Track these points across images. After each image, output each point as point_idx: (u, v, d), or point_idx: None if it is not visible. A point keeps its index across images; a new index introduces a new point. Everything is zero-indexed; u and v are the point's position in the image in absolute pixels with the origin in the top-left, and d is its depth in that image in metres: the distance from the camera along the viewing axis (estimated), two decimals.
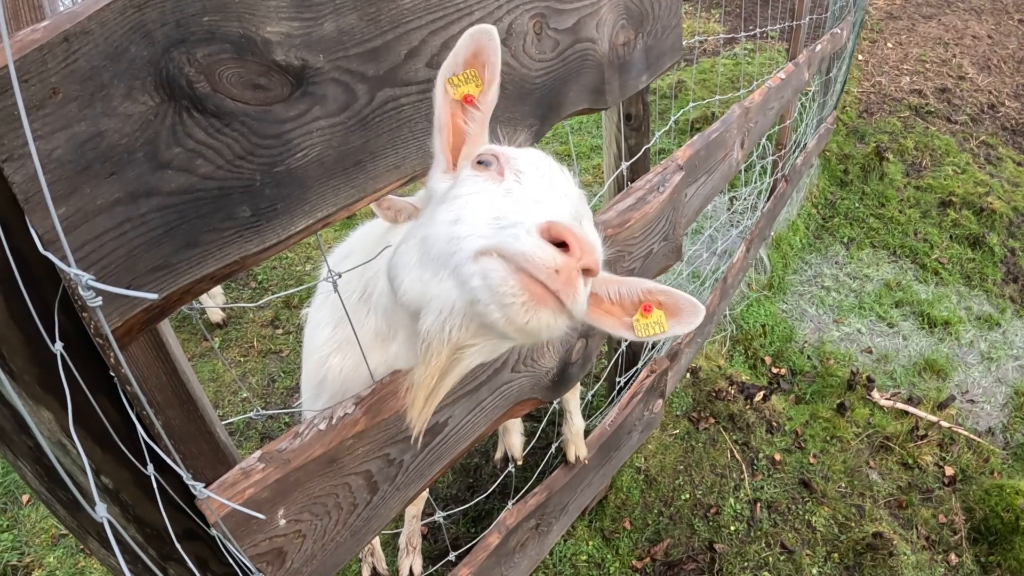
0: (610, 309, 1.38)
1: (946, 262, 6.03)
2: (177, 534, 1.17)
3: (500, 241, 0.94)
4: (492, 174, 1.16)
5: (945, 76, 9.44)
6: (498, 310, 0.93)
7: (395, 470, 1.54)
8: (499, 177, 1.16)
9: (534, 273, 0.90)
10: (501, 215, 1.04)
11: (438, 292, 1.05)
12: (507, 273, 0.91)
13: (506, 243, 0.93)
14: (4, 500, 3.57)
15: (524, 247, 0.91)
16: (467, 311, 1.00)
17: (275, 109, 1.08)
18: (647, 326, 1.34)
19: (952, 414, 4.45)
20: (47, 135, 0.85)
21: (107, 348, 0.99)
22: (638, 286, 1.35)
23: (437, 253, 1.06)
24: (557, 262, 0.90)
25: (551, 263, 0.90)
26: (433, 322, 1.06)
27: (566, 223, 0.92)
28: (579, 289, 0.93)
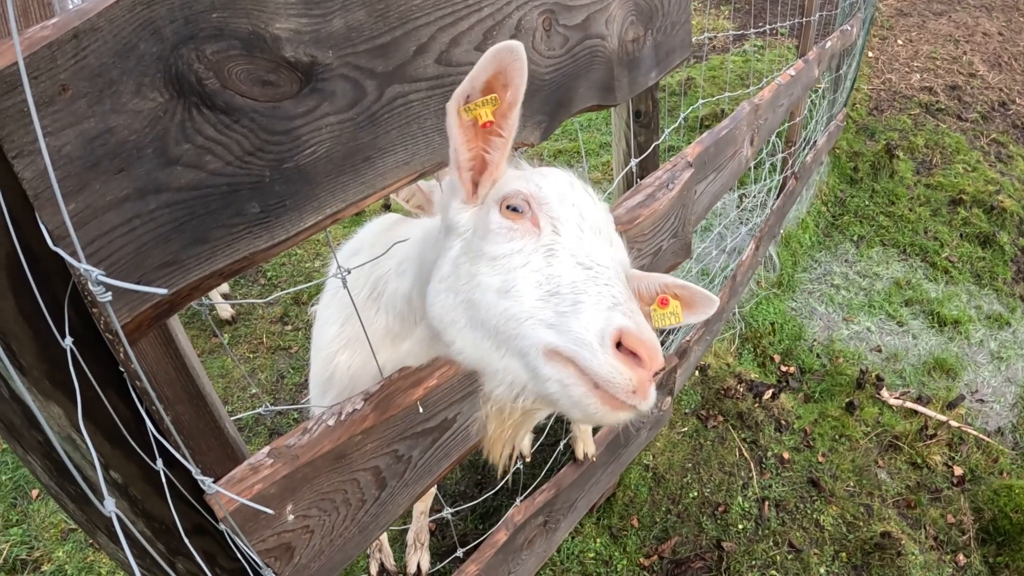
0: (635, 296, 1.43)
1: (956, 261, 6.00)
2: (186, 529, 1.17)
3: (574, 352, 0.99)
4: (526, 225, 1.16)
5: (955, 73, 9.39)
6: (579, 413, 1.01)
7: (403, 466, 1.54)
8: (535, 229, 1.16)
9: (614, 394, 0.96)
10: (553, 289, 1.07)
11: (505, 367, 1.12)
12: (587, 391, 0.98)
13: (583, 358, 0.98)
14: (14, 495, 3.59)
15: (602, 370, 0.96)
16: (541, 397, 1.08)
17: (284, 105, 1.08)
18: (664, 316, 1.41)
19: (961, 414, 4.43)
20: (57, 131, 0.85)
21: (117, 344, 0.99)
22: (657, 280, 1.42)
23: (493, 327, 1.11)
24: (634, 383, 0.96)
25: (629, 385, 0.96)
26: (505, 393, 1.14)
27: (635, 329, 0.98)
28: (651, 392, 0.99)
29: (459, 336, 1.20)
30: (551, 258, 1.11)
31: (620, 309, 1.01)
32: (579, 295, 1.04)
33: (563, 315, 1.02)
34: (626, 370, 0.95)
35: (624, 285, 1.10)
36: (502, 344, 1.10)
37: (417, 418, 1.52)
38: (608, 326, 0.98)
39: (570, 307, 1.03)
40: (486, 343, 1.14)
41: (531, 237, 1.15)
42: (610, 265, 1.12)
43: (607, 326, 0.98)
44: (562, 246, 1.12)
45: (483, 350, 1.16)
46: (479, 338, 1.16)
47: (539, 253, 1.12)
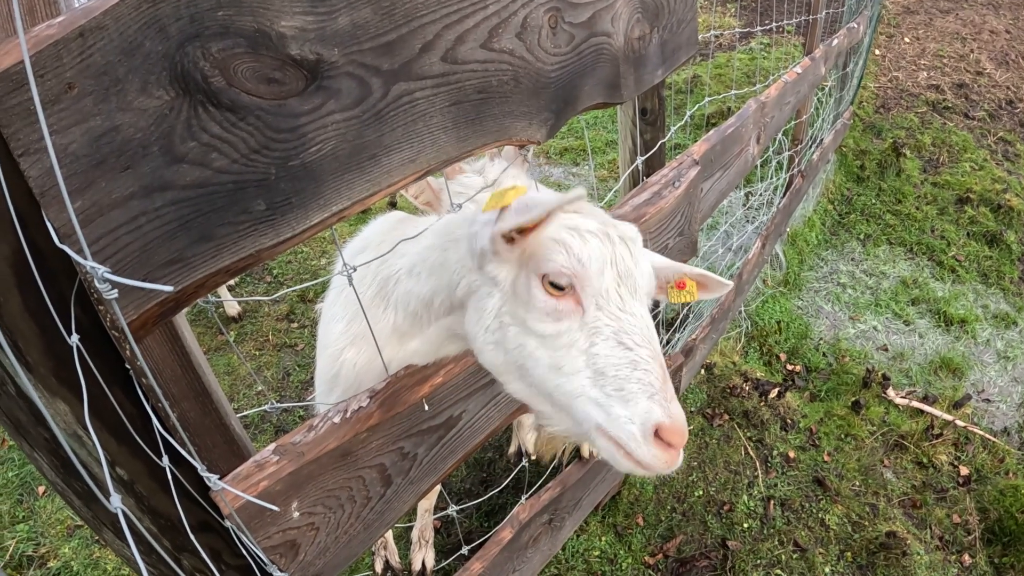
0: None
1: (963, 260, 5.98)
2: (191, 525, 1.18)
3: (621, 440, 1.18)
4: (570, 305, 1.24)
5: (963, 71, 9.37)
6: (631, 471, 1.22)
7: (409, 464, 1.54)
8: (578, 308, 1.24)
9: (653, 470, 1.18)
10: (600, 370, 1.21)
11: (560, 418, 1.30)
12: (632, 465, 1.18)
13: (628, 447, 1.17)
14: (20, 491, 3.60)
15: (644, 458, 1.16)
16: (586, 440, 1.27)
17: (290, 103, 1.08)
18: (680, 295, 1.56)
19: (968, 413, 4.42)
20: (63, 130, 0.85)
21: (123, 341, 0.99)
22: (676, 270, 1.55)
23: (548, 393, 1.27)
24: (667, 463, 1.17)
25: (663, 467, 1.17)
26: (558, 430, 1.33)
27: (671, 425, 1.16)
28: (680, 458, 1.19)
29: (512, 384, 1.35)
30: (595, 337, 1.22)
31: (657, 399, 1.17)
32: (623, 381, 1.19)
33: (610, 398, 1.19)
34: (663, 455, 1.15)
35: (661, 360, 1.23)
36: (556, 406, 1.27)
37: (423, 415, 1.52)
38: (648, 420, 1.15)
39: (615, 391, 1.18)
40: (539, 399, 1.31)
41: (575, 316, 1.24)
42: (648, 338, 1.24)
43: (647, 420, 1.15)
44: (604, 323, 1.23)
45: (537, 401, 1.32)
46: (533, 393, 1.31)
47: (584, 332, 1.23)
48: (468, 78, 1.39)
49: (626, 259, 1.28)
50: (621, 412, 1.18)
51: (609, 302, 1.25)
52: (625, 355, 1.21)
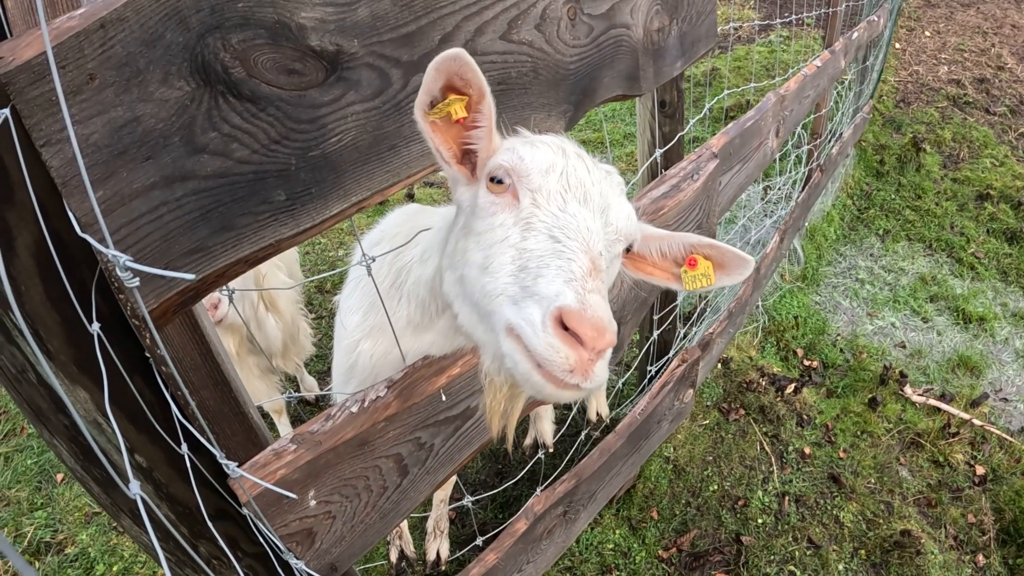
0: (657, 264, 1.42)
1: (982, 257, 5.92)
2: (209, 513, 1.19)
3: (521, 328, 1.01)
4: (507, 199, 1.16)
5: (984, 66, 9.27)
6: (530, 388, 1.03)
7: (425, 454, 1.54)
8: (514, 202, 1.16)
9: (552, 372, 0.97)
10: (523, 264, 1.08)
11: (487, 340, 1.17)
12: (530, 368, 1.00)
13: (526, 335, 1.00)
14: (39, 479, 3.64)
15: (539, 348, 0.97)
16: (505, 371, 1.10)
17: (310, 94, 1.08)
18: (695, 278, 1.40)
19: (985, 412, 4.38)
20: (84, 120, 0.86)
21: (143, 329, 1.00)
22: (682, 240, 1.39)
23: (476, 302, 1.15)
24: (571, 362, 0.96)
25: (566, 364, 0.96)
26: (489, 364, 1.19)
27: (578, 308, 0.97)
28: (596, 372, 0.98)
29: (460, 309, 1.26)
30: (527, 231, 1.12)
31: (574, 285, 1.01)
32: (542, 269, 1.04)
33: (525, 290, 1.04)
34: (564, 349, 0.96)
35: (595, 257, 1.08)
36: (484, 318, 1.14)
37: (440, 406, 1.53)
38: (552, 303, 0.98)
39: (531, 282, 1.04)
40: (474, 316, 1.19)
41: (511, 210, 1.15)
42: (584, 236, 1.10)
43: (552, 303, 0.98)
44: (539, 219, 1.12)
45: (473, 323, 1.21)
46: (470, 311, 1.20)
47: (517, 227, 1.13)
48: (487, 69, 1.40)
49: (580, 173, 1.19)
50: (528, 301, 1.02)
51: (549, 201, 1.15)
52: (552, 247, 1.08)
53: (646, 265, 1.43)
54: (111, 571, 3.17)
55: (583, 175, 1.19)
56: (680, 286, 1.41)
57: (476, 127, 1.19)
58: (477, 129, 1.19)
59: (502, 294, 1.07)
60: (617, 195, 1.25)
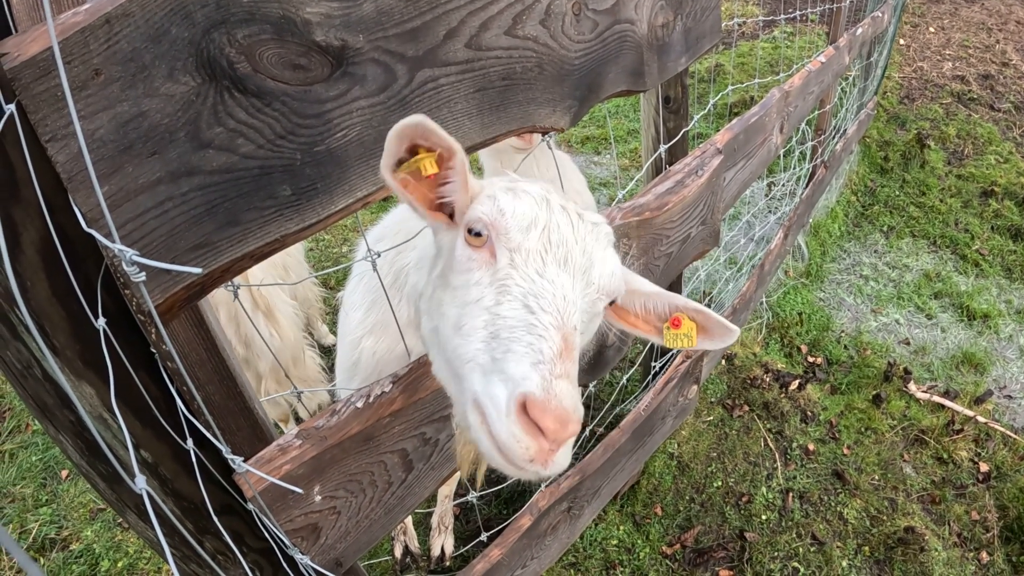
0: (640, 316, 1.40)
1: (987, 253, 5.91)
2: (214, 508, 1.19)
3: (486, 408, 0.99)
4: (484, 256, 1.13)
5: (988, 62, 9.25)
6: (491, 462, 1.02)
7: (430, 449, 1.54)
8: (492, 260, 1.12)
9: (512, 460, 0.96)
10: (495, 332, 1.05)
11: (457, 399, 1.15)
12: (491, 447, 0.98)
13: (490, 416, 0.98)
14: (44, 475, 3.65)
15: (501, 436, 0.96)
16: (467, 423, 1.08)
17: (315, 89, 1.08)
18: (676, 337, 1.37)
19: (989, 409, 4.37)
20: (90, 115, 0.86)
21: (149, 324, 1.00)
22: (668, 300, 1.37)
23: (448, 359, 1.14)
24: (531, 452, 0.95)
25: (526, 455, 0.95)
26: (460, 419, 1.17)
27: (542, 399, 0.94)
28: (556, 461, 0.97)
29: (435, 359, 1.24)
30: (501, 295, 1.08)
31: (541, 369, 0.98)
32: (512, 344, 1.02)
33: (495, 363, 1.02)
34: (525, 439, 0.94)
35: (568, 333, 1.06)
36: (455, 378, 1.12)
37: (445, 402, 1.53)
38: (518, 387, 0.96)
39: (501, 355, 1.01)
40: (447, 372, 1.17)
41: (488, 268, 1.12)
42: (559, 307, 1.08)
43: (517, 387, 0.96)
44: (515, 283, 1.09)
45: (446, 378, 1.19)
46: (444, 364, 1.18)
47: (492, 288, 1.10)
48: (492, 65, 1.39)
49: (563, 230, 1.15)
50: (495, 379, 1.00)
51: (527, 263, 1.11)
52: (525, 318, 1.04)
53: (629, 316, 1.41)
54: (116, 567, 3.18)
55: (566, 232, 1.16)
56: (661, 341, 1.39)
57: (448, 182, 1.15)
58: (450, 184, 1.16)
59: (472, 360, 1.05)
60: (602, 249, 1.22)
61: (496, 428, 0.96)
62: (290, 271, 3.29)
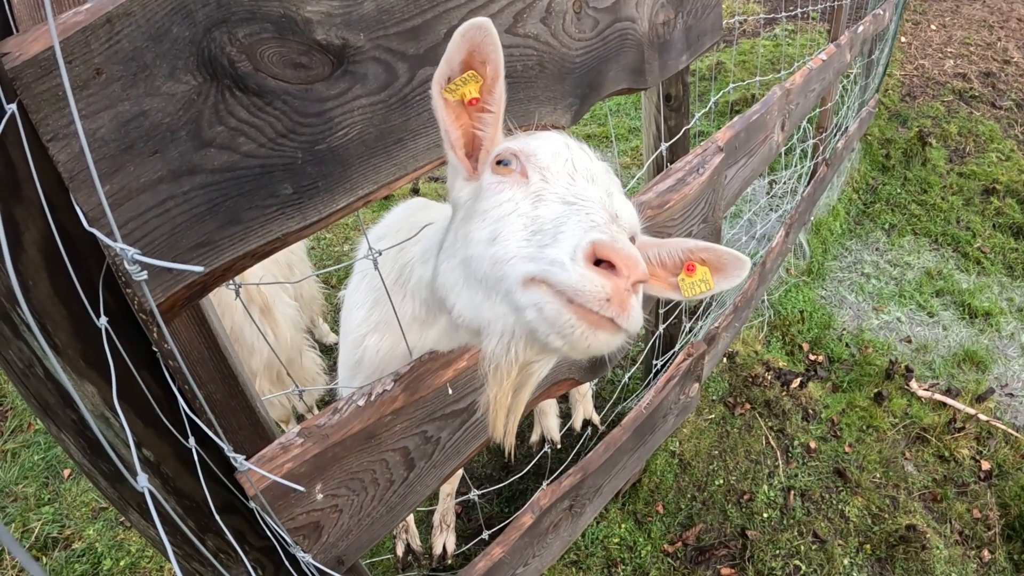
0: (655, 272, 1.38)
1: (988, 251, 5.91)
2: (216, 506, 1.19)
3: (546, 271, 0.94)
4: (516, 177, 1.14)
5: (990, 60, 9.24)
6: (559, 339, 0.94)
7: (432, 447, 1.55)
8: (523, 179, 1.13)
9: (587, 305, 0.91)
10: (537, 228, 1.04)
11: (494, 316, 1.08)
12: (560, 306, 0.92)
13: (553, 274, 0.93)
14: (46, 475, 3.65)
15: (572, 280, 0.91)
16: (528, 336, 1.02)
17: (316, 88, 1.08)
18: (693, 284, 1.35)
19: (990, 407, 4.37)
20: (91, 115, 0.86)
21: (151, 323, 1.00)
22: (679, 246, 1.36)
23: (483, 276, 1.08)
24: (607, 291, 0.90)
25: (602, 293, 0.90)
26: (497, 345, 1.09)
27: (609, 240, 0.92)
28: (633, 307, 0.93)
29: (458, 298, 1.20)
30: (538, 202, 1.08)
31: (598, 229, 0.97)
32: (561, 226, 1.00)
33: (543, 247, 0.99)
34: (598, 278, 0.90)
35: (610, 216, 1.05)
36: (491, 291, 1.07)
37: (446, 399, 1.53)
38: (580, 243, 0.93)
39: (551, 239, 0.99)
40: (479, 295, 1.12)
41: (520, 187, 1.12)
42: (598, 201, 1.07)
43: (580, 242, 0.94)
44: (550, 191, 1.10)
45: (476, 304, 1.14)
46: (473, 293, 1.14)
47: (527, 200, 1.10)
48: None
49: (584, 160, 1.18)
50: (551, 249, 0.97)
51: (558, 179, 1.12)
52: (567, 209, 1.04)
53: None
54: (118, 566, 3.19)
55: (587, 162, 1.19)
56: (679, 294, 1.37)
57: (487, 111, 1.17)
58: (487, 114, 1.17)
59: (515, 256, 1.02)
60: (618, 190, 1.23)
61: (563, 277, 0.92)
62: (294, 269, 3.29)
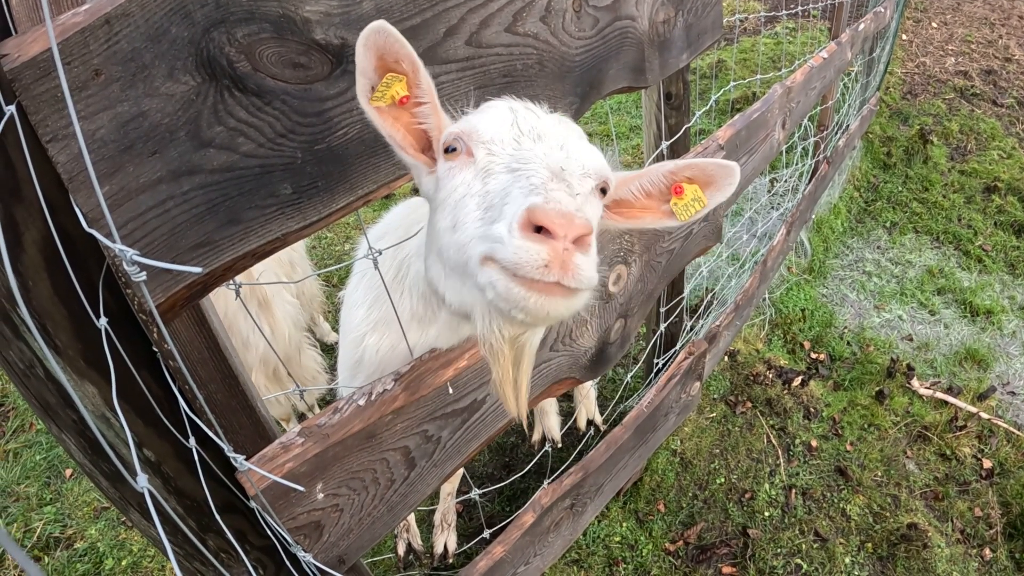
0: (644, 205, 1.34)
1: (990, 249, 5.90)
2: (217, 506, 1.19)
3: (492, 248, 0.95)
4: (463, 158, 1.13)
5: (991, 57, 9.22)
6: (518, 312, 0.95)
7: (433, 446, 1.55)
8: (470, 159, 1.12)
9: (529, 275, 0.91)
10: (489, 203, 1.04)
11: (472, 299, 1.12)
12: (508, 281, 0.93)
13: (497, 250, 0.94)
14: (48, 474, 3.65)
15: (509, 254, 0.91)
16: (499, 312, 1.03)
17: (315, 88, 1.08)
18: (687, 206, 1.29)
19: (992, 405, 4.36)
20: (90, 116, 0.86)
21: (150, 324, 1.00)
22: (659, 170, 1.31)
23: (455, 264, 1.09)
24: (543, 257, 0.90)
25: (539, 260, 0.90)
26: (483, 326, 1.13)
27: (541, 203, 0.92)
28: (578, 266, 0.92)
29: (446, 288, 1.22)
30: (487, 177, 1.07)
31: (536, 192, 0.96)
32: (506, 197, 1.00)
33: (493, 223, 0.99)
34: (533, 246, 0.90)
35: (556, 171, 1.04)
36: (464, 276, 1.08)
37: (447, 399, 1.53)
38: (518, 211, 0.93)
39: (498, 213, 0.99)
40: (457, 282, 1.14)
41: (469, 167, 1.11)
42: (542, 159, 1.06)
43: (517, 211, 0.93)
44: (497, 162, 1.09)
45: (458, 290, 1.16)
46: (452, 280, 1.16)
47: (478, 178, 1.09)
48: (493, 62, 1.39)
49: (531, 119, 1.16)
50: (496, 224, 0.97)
51: (504, 147, 1.10)
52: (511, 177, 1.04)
53: (633, 210, 1.34)
54: (120, 565, 3.19)
55: (533, 120, 1.16)
56: (674, 220, 1.30)
57: (421, 103, 1.15)
58: (422, 106, 1.16)
59: (472, 238, 1.02)
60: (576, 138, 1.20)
61: (503, 254, 0.92)
62: (296, 267, 3.28)
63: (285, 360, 3.05)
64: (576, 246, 0.92)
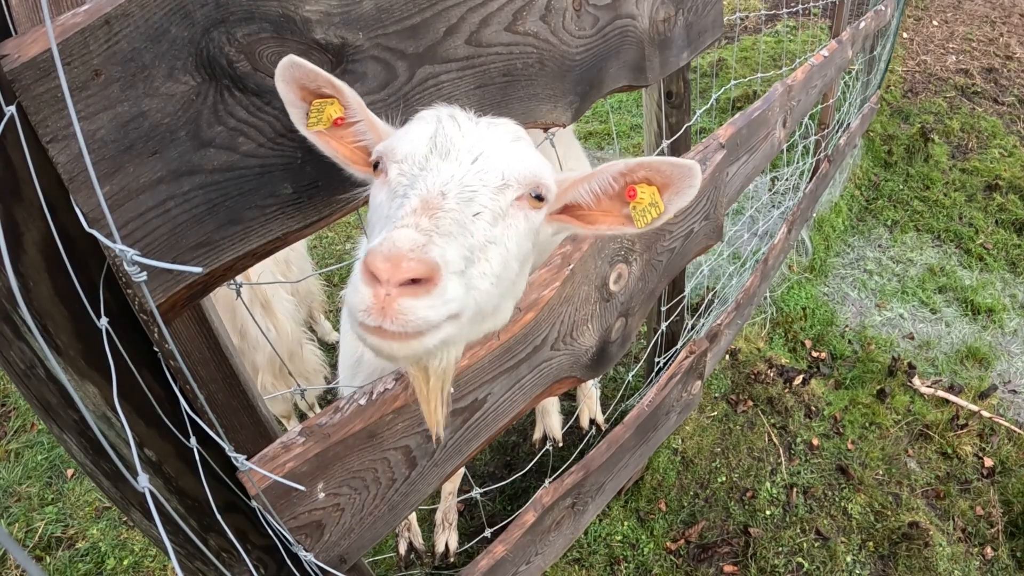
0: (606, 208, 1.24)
1: (991, 248, 5.89)
2: (218, 506, 1.19)
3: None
4: (383, 177, 1.09)
5: (992, 56, 9.22)
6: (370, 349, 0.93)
7: (434, 446, 1.55)
8: (385, 178, 1.09)
9: (360, 320, 0.88)
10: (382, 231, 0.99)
11: None
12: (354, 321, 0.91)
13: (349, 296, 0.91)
14: (49, 474, 3.66)
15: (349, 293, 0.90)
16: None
17: None
18: (643, 211, 1.18)
19: (993, 404, 4.36)
20: (90, 116, 0.86)
21: (151, 324, 1.00)
22: (609, 171, 1.20)
23: None
24: (366, 302, 0.87)
25: (362, 305, 0.87)
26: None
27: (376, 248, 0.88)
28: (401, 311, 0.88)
29: None
30: (393, 199, 1.04)
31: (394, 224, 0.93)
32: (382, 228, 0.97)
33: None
34: (363, 288, 0.87)
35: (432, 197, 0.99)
36: None
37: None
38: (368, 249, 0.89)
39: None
40: None
41: (386, 187, 1.07)
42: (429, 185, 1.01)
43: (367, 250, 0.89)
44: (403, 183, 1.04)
45: None
46: None
47: (389, 199, 1.05)
48: (493, 61, 1.39)
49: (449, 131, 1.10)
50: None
51: (412, 165, 1.06)
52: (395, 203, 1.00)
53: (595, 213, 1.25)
54: (121, 565, 3.19)
55: (451, 132, 1.10)
56: (632, 227, 1.20)
57: (355, 122, 1.13)
58: (358, 124, 1.14)
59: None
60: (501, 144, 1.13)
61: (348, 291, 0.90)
62: (292, 265, 3.29)
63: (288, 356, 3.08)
64: (412, 287, 0.88)
